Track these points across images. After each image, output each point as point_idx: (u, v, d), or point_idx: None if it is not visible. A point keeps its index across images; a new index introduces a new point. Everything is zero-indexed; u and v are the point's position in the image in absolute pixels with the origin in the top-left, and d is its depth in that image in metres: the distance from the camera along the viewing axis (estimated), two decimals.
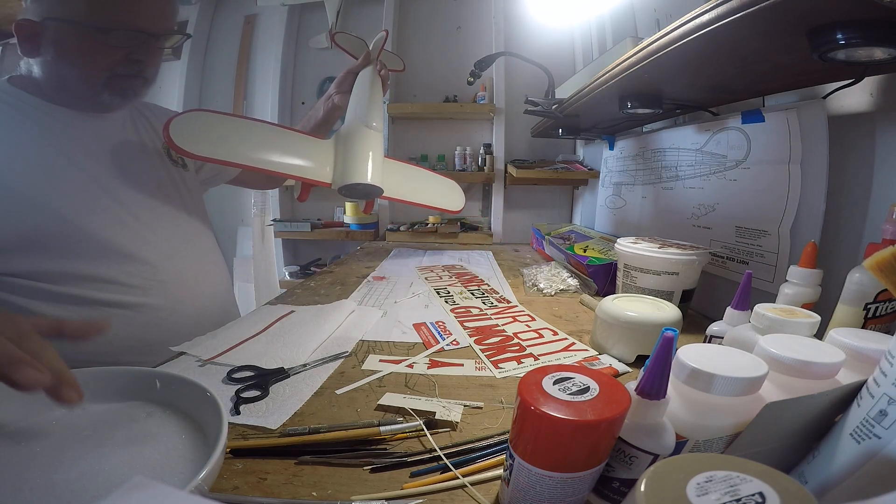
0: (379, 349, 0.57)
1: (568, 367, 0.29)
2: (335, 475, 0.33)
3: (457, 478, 0.33)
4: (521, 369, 0.51)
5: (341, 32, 1.04)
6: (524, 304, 0.77)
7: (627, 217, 1.13)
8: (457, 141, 1.66)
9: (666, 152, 0.93)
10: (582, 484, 0.26)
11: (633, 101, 0.74)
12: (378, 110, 0.94)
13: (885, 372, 0.23)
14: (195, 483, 0.25)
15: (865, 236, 0.54)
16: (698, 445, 0.27)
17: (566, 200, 1.69)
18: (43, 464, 0.29)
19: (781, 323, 0.37)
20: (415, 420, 0.39)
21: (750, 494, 0.17)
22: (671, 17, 0.76)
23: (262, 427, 0.39)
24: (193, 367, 0.51)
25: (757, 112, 0.67)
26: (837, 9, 0.36)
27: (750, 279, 0.43)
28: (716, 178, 0.76)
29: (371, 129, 0.92)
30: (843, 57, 0.41)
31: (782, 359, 0.29)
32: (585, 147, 1.54)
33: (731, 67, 0.55)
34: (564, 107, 0.93)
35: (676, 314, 0.53)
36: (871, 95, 0.53)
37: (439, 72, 1.65)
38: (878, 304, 0.41)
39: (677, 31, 0.46)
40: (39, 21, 0.59)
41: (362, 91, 0.94)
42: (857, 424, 0.23)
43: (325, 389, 0.46)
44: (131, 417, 0.34)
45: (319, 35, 1.70)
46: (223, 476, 0.32)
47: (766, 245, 0.65)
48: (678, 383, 0.28)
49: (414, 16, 1.67)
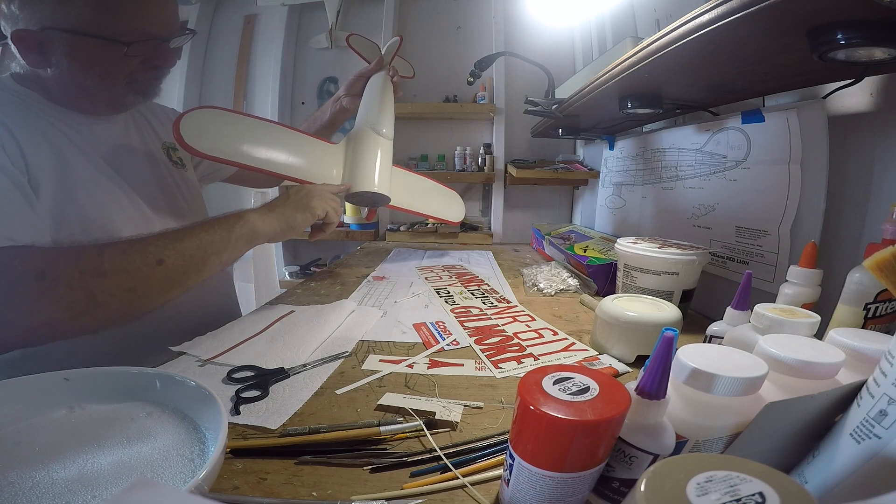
0: (379, 349, 0.57)
1: (568, 367, 0.29)
2: (335, 475, 0.33)
3: (457, 478, 0.33)
4: (521, 369, 0.51)
5: (356, 35, 1.03)
6: (524, 304, 0.77)
7: (627, 217, 1.13)
8: (457, 141, 1.66)
9: (666, 152, 0.93)
10: (582, 484, 0.26)
11: (633, 101, 0.74)
12: (389, 117, 0.93)
13: (885, 372, 0.23)
14: (195, 483, 0.25)
15: (865, 236, 0.54)
16: (698, 445, 0.27)
17: (566, 200, 1.69)
18: (43, 464, 0.28)
19: (781, 323, 0.37)
20: (415, 420, 0.39)
21: (750, 494, 0.17)
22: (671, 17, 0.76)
23: (262, 427, 0.39)
24: (193, 367, 0.51)
25: (757, 112, 0.67)
26: (837, 9, 0.36)
27: (750, 279, 0.43)
28: (716, 178, 0.76)
29: (381, 135, 0.91)
30: (843, 57, 0.41)
31: (782, 359, 0.29)
32: (585, 147, 1.54)
33: (731, 67, 0.55)
34: (564, 107, 0.93)
35: (676, 314, 0.53)
36: (871, 95, 0.53)
37: (439, 72, 1.65)
38: (878, 304, 0.41)
39: (677, 31, 0.46)
40: (39, 30, 0.55)
41: (373, 96, 0.92)
42: (857, 424, 0.23)
43: (325, 389, 0.46)
44: (131, 417, 0.34)
45: (319, 35, 1.69)
46: (223, 476, 0.32)
47: (766, 245, 0.65)
48: (678, 383, 0.28)
49: (414, 16, 1.66)
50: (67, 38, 0.56)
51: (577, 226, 1.40)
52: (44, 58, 0.58)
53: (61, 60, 0.58)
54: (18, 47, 0.56)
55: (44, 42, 0.56)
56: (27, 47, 0.56)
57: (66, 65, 0.58)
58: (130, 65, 0.61)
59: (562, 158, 1.55)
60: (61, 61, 0.58)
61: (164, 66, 0.65)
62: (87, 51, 0.58)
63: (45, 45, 0.56)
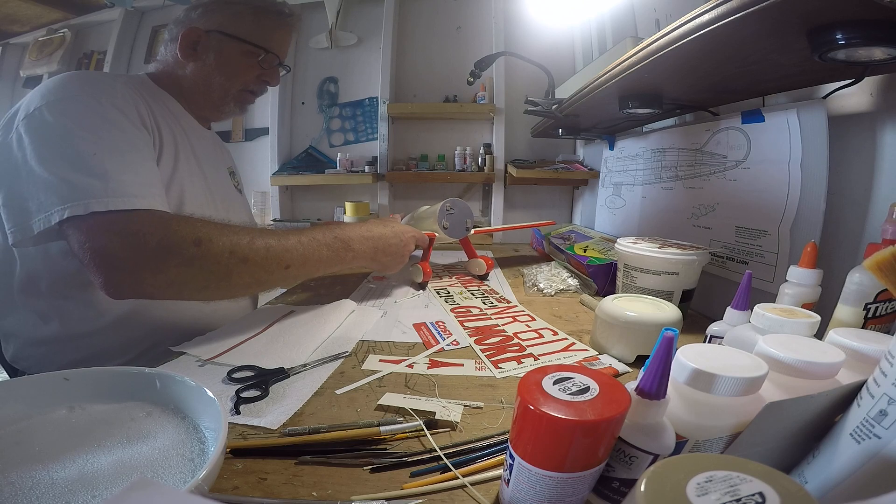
0: (379, 349, 0.57)
1: (568, 367, 0.29)
2: (335, 475, 0.33)
3: (457, 478, 0.33)
4: (521, 369, 0.51)
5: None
6: (524, 304, 0.77)
7: (627, 217, 1.13)
8: (457, 141, 1.66)
9: (666, 152, 0.93)
10: (582, 484, 0.26)
11: (633, 102, 0.74)
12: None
13: (885, 372, 0.23)
14: (195, 483, 0.25)
15: (865, 236, 0.54)
16: (698, 445, 0.27)
17: (566, 200, 1.69)
18: (43, 464, 0.28)
19: (781, 323, 0.37)
20: (415, 420, 0.39)
21: (750, 494, 0.17)
22: (671, 17, 0.76)
23: (262, 427, 0.39)
24: (193, 367, 0.51)
25: (757, 112, 0.67)
26: (837, 9, 0.36)
27: (750, 279, 0.43)
28: (716, 178, 0.76)
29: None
30: (843, 57, 0.41)
31: (782, 359, 0.29)
32: (585, 147, 1.54)
33: (731, 67, 0.55)
34: (564, 107, 0.93)
35: (676, 314, 0.53)
36: (871, 95, 0.53)
37: (439, 72, 1.65)
38: (878, 304, 0.41)
39: (677, 31, 0.46)
40: (206, 31, 0.71)
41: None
42: (857, 424, 0.23)
43: (325, 389, 0.46)
44: (131, 417, 0.34)
45: (319, 35, 1.69)
46: (223, 476, 0.32)
47: (766, 245, 0.65)
48: (678, 383, 0.28)
49: (414, 16, 1.66)
50: (224, 39, 0.71)
51: (577, 226, 1.40)
52: (195, 53, 0.72)
53: (209, 55, 0.72)
54: (182, 42, 0.70)
55: (203, 40, 0.71)
56: (188, 43, 0.71)
57: (211, 59, 0.72)
58: (251, 74, 0.75)
59: (562, 158, 1.55)
60: (208, 56, 0.72)
61: (270, 82, 0.79)
62: (231, 52, 0.72)
63: (203, 43, 0.71)
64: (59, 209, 0.49)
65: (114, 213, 0.50)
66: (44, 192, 0.50)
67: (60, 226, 0.50)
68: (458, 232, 0.92)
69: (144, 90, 0.67)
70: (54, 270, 0.60)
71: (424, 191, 1.70)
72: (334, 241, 0.66)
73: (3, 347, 0.67)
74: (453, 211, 0.91)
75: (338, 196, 1.71)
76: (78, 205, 0.49)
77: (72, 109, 0.54)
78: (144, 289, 0.52)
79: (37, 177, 0.50)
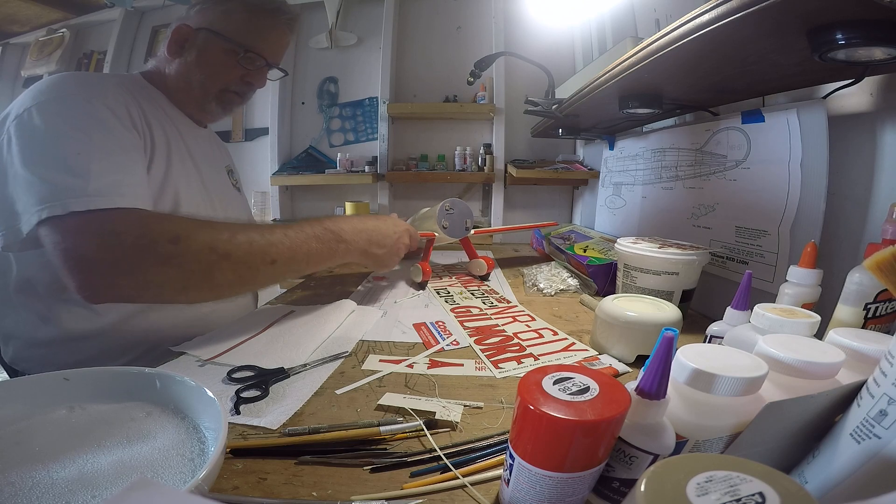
0: (379, 349, 0.57)
1: (568, 367, 0.29)
2: (335, 475, 0.33)
3: (457, 478, 0.33)
4: (521, 369, 0.51)
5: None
6: (524, 304, 0.77)
7: (627, 217, 1.13)
8: (457, 141, 1.66)
9: (666, 152, 0.93)
10: (582, 484, 0.26)
11: (633, 102, 0.74)
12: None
13: (885, 372, 0.23)
14: (195, 483, 0.25)
15: (865, 236, 0.54)
16: (698, 445, 0.27)
17: (566, 200, 1.69)
18: (43, 464, 0.28)
19: (781, 323, 0.37)
20: (415, 420, 0.39)
21: (750, 494, 0.17)
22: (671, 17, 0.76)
23: (262, 427, 0.39)
24: (193, 367, 0.51)
25: (757, 112, 0.67)
26: (837, 9, 0.36)
27: (750, 279, 0.43)
28: (716, 178, 0.76)
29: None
30: (843, 57, 0.41)
31: (782, 359, 0.29)
32: (585, 147, 1.54)
33: (731, 67, 0.55)
34: (564, 107, 0.93)
35: (676, 314, 0.53)
36: (871, 95, 0.53)
37: (439, 72, 1.65)
38: (878, 304, 0.41)
39: (677, 31, 0.46)
40: (195, 28, 0.69)
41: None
42: (857, 424, 0.23)
43: (325, 389, 0.46)
44: (131, 417, 0.34)
45: (319, 35, 1.69)
46: (223, 476, 0.32)
47: (766, 245, 0.65)
48: (678, 383, 0.28)
49: (414, 16, 1.66)
50: (209, 36, 0.69)
51: (577, 226, 1.40)
52: (181, 50, 0.70)
53: (191, 53, 0.70)
54: (171, 39, 0.69)
55: (191, 38, 0.69)
56: (176, 40, 0.69)
57: (192, 57, 0.70)
58: (233, 73, 0.72)
59: (562, 158, 1.55)
60: (191, 53, 0.70)
61: (254, 83, 0.75)
62: (213, 50, 0.70)
63: (189, 41, 0.69)
64: (38, 210, 0.47)
65: (92, 213, 0.48)
66: (26, 194, 0.49)
67: (38, 227, 0.48)
68: (458, 232, 0.92)
69: (137, 90, 0.67)
70: (50, 272, 0.60)
71: (424, 191, 1.70)
72: (324, 233, 0.63)
73: (3, 349, 0.67)
74: (453, 211, 0.91)
75: (338, 196, 1.71)
76: (56, 204, 0.47)
77: (60, 110, 0.54)
78: (121, 291, 0.50)
79: (21, 178, 0.49)
